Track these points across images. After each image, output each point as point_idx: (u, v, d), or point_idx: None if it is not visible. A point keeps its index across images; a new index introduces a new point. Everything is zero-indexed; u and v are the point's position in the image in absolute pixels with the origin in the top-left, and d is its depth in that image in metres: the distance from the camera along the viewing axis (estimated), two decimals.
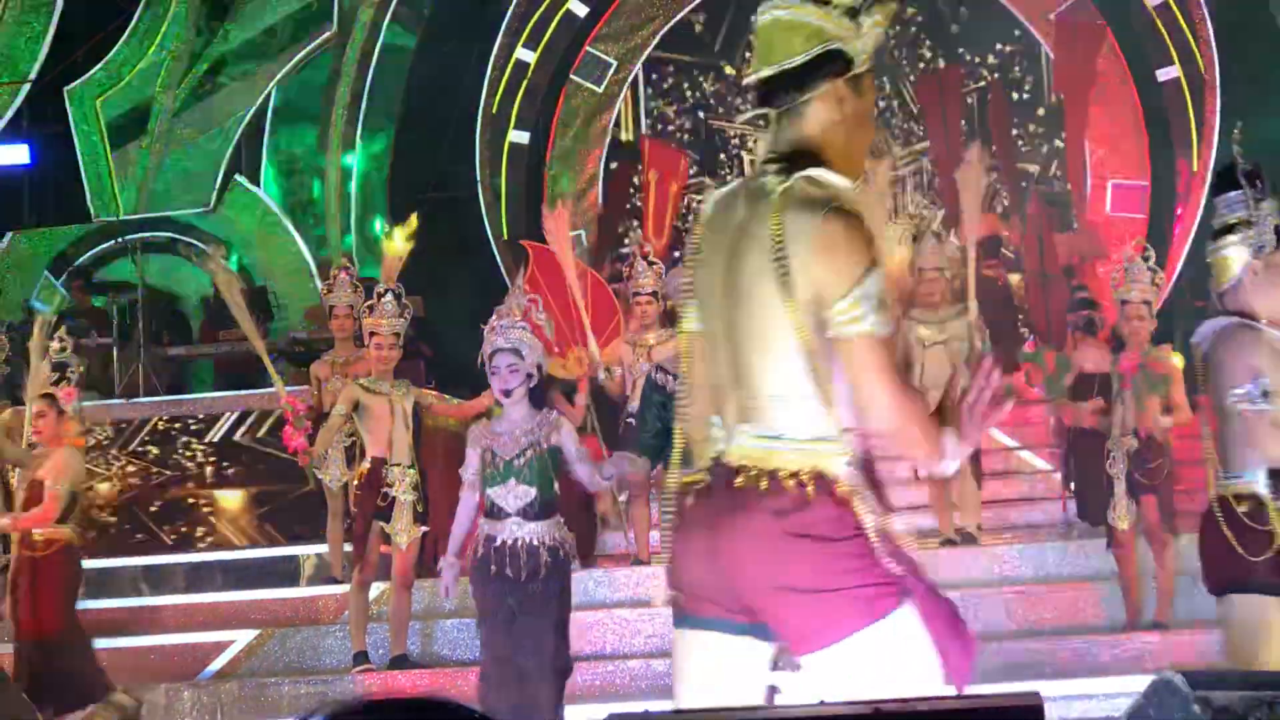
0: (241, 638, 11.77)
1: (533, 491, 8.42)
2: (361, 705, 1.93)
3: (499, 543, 8.40)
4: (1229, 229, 6.02)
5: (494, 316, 8.65)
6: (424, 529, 10.63)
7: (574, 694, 10.44)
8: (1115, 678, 9.46)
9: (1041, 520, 13.11)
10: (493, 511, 8.49)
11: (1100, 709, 8.74)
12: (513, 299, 8.83)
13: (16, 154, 19.10)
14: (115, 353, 16.54)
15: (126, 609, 12.96)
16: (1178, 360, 10.62)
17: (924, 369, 11.82)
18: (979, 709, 2.19)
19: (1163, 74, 17.89)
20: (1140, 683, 8.53)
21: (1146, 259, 10.72)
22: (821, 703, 2.59)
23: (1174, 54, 17.74)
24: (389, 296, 10.53)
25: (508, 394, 8.46)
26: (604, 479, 8.65)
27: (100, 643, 12.12)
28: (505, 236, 18.84)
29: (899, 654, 3.99)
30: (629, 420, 11.72)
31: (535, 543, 8.40)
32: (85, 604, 13.04)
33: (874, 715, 2.16)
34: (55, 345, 11.33)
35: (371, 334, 10.53)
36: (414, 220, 11.30)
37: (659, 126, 19.42)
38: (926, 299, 12.04)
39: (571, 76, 19.31)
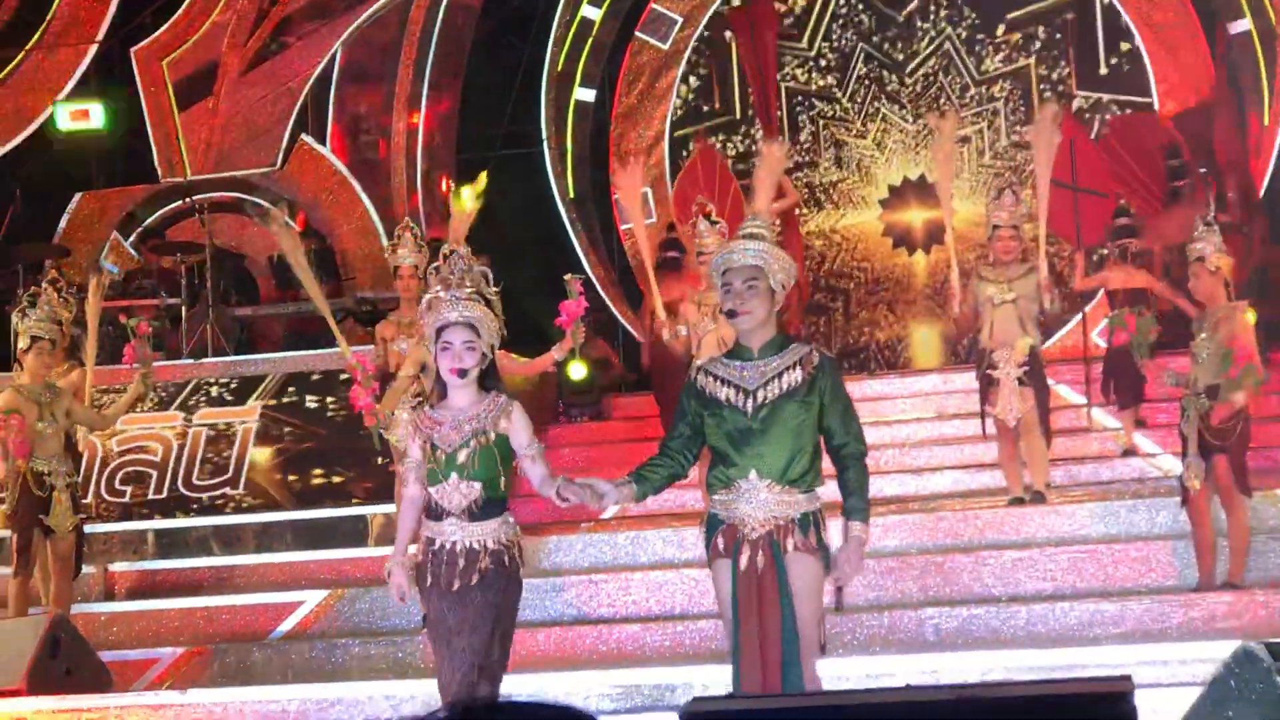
0: (311, 598, 11.81)
1: (477, 488, 7.38)
2: (487, 706, 1.89)
3: (438, 546, 7.44)
4: None
5: (438, 284, 7.52)
6: None
7: (644, 655, 10.47)
8: (1188, 643, 9.36)
9: (1111, 478, 13.02)
10: (433, 511, 7.48)
11: (1172, 674, 8.65)
12: (455, 262, 7.58)
13: (85, 115, 19.12)
14: (183, 313, 16.58)
15: (198, 569, 13.03)
16: (1250, 317, 10.53)
17: (993, 327, 11.76)
18: (1069, 694, 2.14)
19: (1234, 27, 17.68)
20: (1212, 646, 8.50)
21: (1209, 224, 10.64)
22: (907, 686, 2.54)
23: (1245, 7, 17.53)
24: (456, 256, 10.42)
25: (462, 374, 7.38)
26: (559, 498, 7.15)
27: (172, 602, 12.22)
28: (571, 195, 18.81)
29: None
30: (679, 401, 11.67)
31: (476, 546, 7.40)
32: (157, 564, 13.18)
33: (956, 700, 2.12)
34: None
35: None
36: (483, 179, 11.26)
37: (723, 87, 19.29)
38: (1000, 256, 11.91)
39: (637, 34, 19.21)
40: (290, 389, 14.24)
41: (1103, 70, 18.12)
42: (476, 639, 7.32)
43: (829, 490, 6.97)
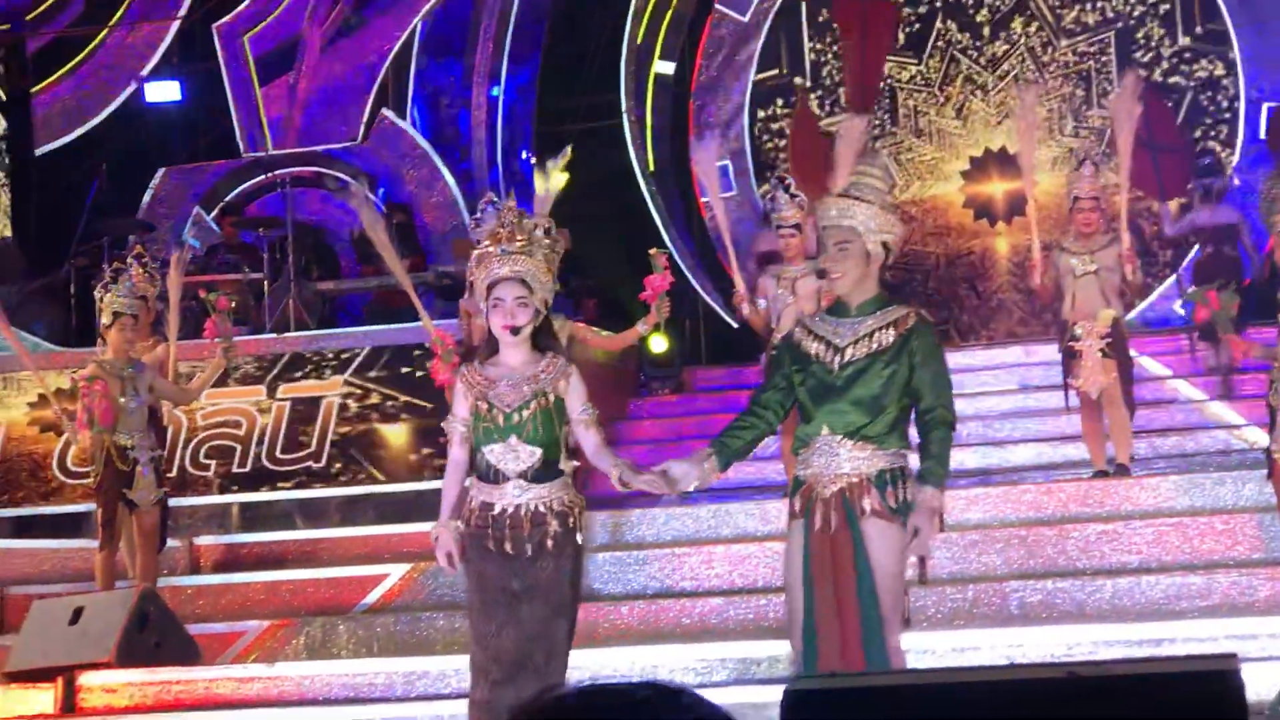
0: (395, 571, 11.85)
1: (538, 452, 7.11)
2: (578, 692, 1.88)
3: (498, 510, 7.13)
4: None
5: (485, 238, 7.32)
6: (574, 464, 10.56)
7: (728, 628, 10.48)
8: (1276, 616, 9.31)
9: (1195, 450, 12.94)
10: (489, 474, 7.18)
11: (1260, 648, 8.60)
12: (506, 216, 7.33)
13: (168, 91, 19.24)
14: (265, 287, 16.67)
15: (283, 542, 13.11)
16: None
17: (1075, 299, 11.71)
18: (1175, 672, 2.13)
19: None
20: None
21: None
22: (1012, 664, 2.53)
23: None
24: (506, 210, 10.37)
25: (515, 332, 7.12)
26: (620, 483, 7.01)
27: (256, 575, 12.30)
28: (650, 168, 18.80)
29: None
30: (772, 354, 11.67)
31: (542, 509, 7.12)
32: (242, 537, 13.27)
33: (1069, 678, 2.12)
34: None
35: None
36: (569, 152, 11.24)
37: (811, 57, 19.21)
38: (1081, 228, 11.85)
39: (716, 5, 19.15)
40: (374, 362, 14.28)
41: (1184, 40, 17.93)
42: (547, 608, 7.09)
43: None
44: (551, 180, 10.85)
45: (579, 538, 7.27)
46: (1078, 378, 11.65)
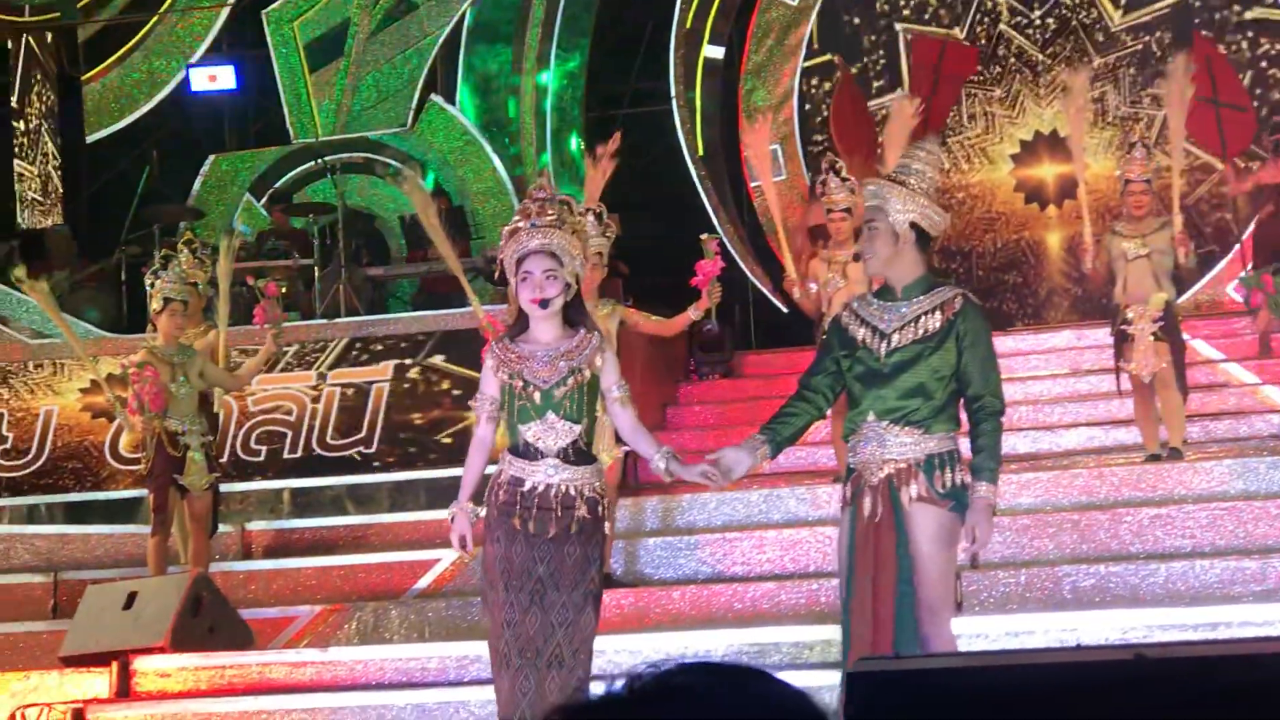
0: (446, 556, 11.87)
1: (577, 429, 6.96)
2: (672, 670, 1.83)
3: (528, 488, 6.95)
4: None
5: (518, 215, 7.19)
6: (625, 449, 10.55)
7: (781, 612, 10.47)
8: None
9: (1249, 434, 12.87)
10: (524, 450, 7.00)
11: None
12: (536, 192, 7.23)
13: (217, 79, 19.29)
14: (316, 273, 16.71)
15: (334, 528, 13.14)
16: None
17: (1126, 282, 11.68)
18: (1246, 654, 2.11)
19: None
20: None
21: None
22: (1079, 645, 2.52)
23: None
24: (589, 216, 10.32)
25: (544, 304, 6.93)
26: (666, 474, 6.98)
27: (308, 561, 12.34)
28: (700, 152, 18.76)
29: None
30: (823, 338, 11.64)
31: (573, 492, 6.95)
32: (292, 523, 13.32)
33: (1136, 660, 2.10)
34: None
35: None
36: (618, 137, 11.26)
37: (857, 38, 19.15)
38: (1133, 211, 11.83)
39: None
40: (424, 347, 14.29)
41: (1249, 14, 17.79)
42: (577, 594, 6.93)
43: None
44: (601, 166, 10.89)
45: (606, 526, 7.17)
46: (1130, 361, 11.62)
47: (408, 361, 14.28)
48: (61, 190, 20.43)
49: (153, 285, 11.62)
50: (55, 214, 20.24)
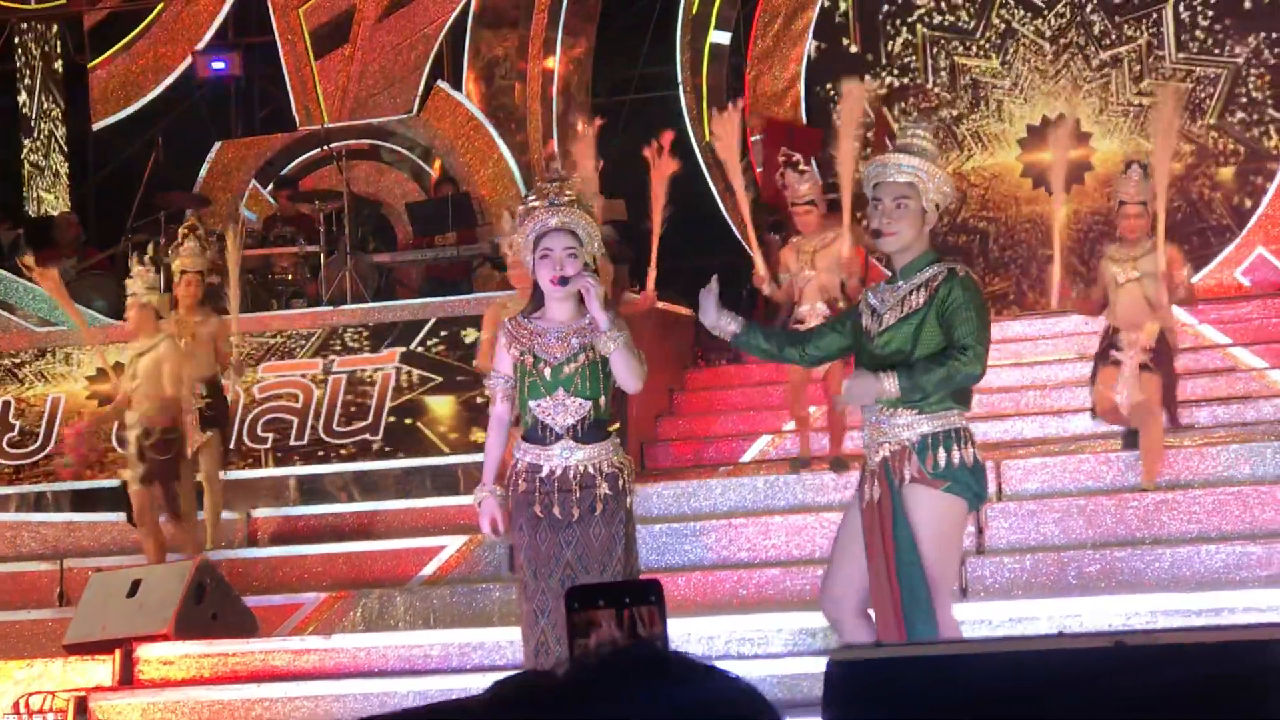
0: (452, 543, 11.87)
1: (587, 405, 6.94)
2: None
3: (545, 473, 6.93)
4: None
5: (533, 195, 7.16)
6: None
7: (785, 598, 10.46)
8: None
9: (1256, 418, 12.82)
10: (536, 434, 6.98)
11: None
12: (552, 173, 7.34)
13: (223, 65, 19.27)
14: (322, 260, 16.69)
15: (340, 515, 13.14)
16: None
17: (1117, 309, 11.23)
18: (1231, 642, 2.09)
19: None
20: None
21: None
22: (1060, 633, 2.50)
23: None
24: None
25: (563, 283, 6.90)
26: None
27: (314, 548, 12.35)
28: (706, 138, 18.71)
29: None
30: (796, 325, 11.62)
31: (591, 470, 6.92)
32: (299, 510, 13.32)
33: (1116, 647, 2.08)
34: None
35: None
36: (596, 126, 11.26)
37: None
38: (1127, 233, 11.29)
39: None
40: (430, 334, 14.26)
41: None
42: (606, 576, 6.85)
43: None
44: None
45: (629, 501, 7.08)
46: (1109, 387, 11.10)
47: (413, 348, 14.26)
48: (68, 177, 20.44)
49: (172, 261, 11.97)
50: (62, 201, 20.25)
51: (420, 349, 14.22)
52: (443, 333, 14.22)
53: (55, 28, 20.54)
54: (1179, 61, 16.99)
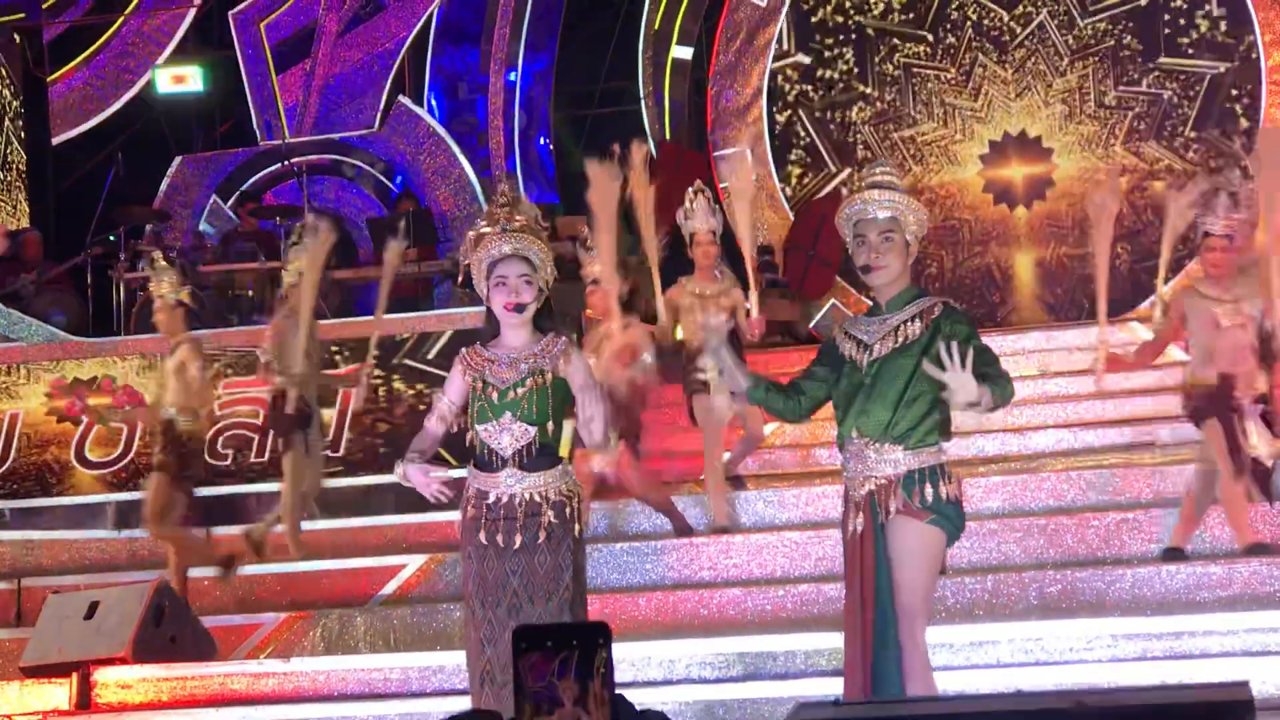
0: (412, 562, 11.81)
1: (532, 431, 6.87)
2: None
3: (492, 500, 6.91)
4: None
5: (483, 220, 7.13)
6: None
7: (745, 620, 10.41)
8: None
9: None
10: (484, 459, 6.95)
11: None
12: (501, 198, 7.15)
13: (184, 79, 19.23)
14: (283, 275, 16.62)
15: (300, 533, 13.06)
16: None
17: (1215, 354, 10.08)
18: (1186, 702, 2.07)
19: None
20: None
21: None
22: (1019, 692, 2.48)
23: None
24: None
25: (519, 309, 6.89)
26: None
27: (273, 567, 12.26)
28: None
29: None
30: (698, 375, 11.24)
31: (537, 499, 6.88)
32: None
33: (1076, 707, 2.06)
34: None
35: None
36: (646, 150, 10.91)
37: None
38: (1210, 269, 10.08)
39: None
40: (391, 351, 14.20)
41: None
42: (552, 605, 6.80)
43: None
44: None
45: (577, 529, 6.99)
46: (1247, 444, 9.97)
47: (375, 364, 14.19)
48: (27, 192, 20.36)
49: (158, 287, 11.80)
50: (21, 216, 20.17)
51: (381, 365, 14.15)
52: (403, 349, 14.17)
53: (16, 40, 20.45)
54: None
